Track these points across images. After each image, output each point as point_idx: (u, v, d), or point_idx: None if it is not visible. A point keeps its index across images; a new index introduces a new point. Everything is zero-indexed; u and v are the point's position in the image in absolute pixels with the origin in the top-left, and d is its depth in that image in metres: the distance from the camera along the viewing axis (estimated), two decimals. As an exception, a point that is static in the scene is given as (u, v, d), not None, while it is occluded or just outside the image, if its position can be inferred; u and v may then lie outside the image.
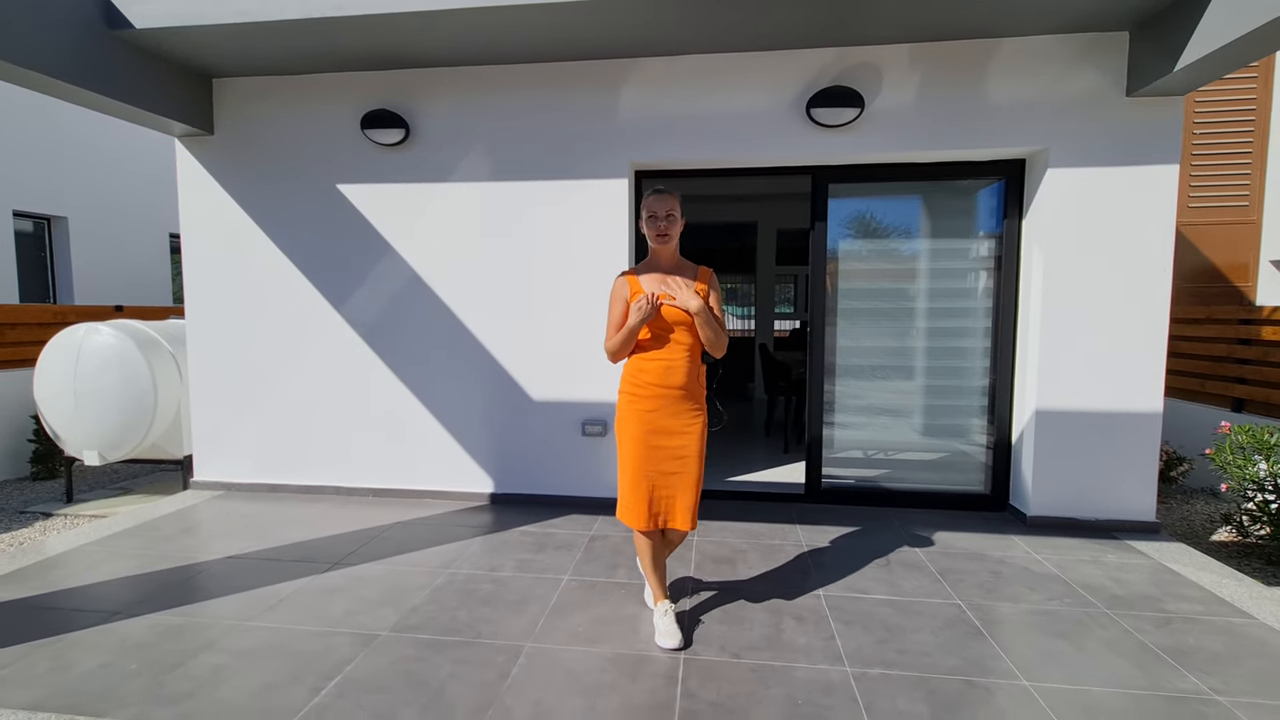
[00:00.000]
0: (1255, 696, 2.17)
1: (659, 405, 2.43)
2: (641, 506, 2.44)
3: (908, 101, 3.70)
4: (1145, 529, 3.69)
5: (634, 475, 2.44)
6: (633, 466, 2.45)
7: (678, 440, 2.43)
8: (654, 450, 2.43)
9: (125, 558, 3.30)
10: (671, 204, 2.47)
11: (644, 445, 2.43)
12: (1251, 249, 7.44)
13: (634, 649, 2.44)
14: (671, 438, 2.43)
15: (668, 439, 2.43)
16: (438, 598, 2.84)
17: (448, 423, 4.23)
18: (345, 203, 4.20)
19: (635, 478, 2.44)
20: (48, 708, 2.07)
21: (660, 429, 2.43)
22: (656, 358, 2.43)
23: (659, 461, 2.43)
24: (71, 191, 7.82)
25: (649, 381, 2.44)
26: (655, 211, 2.46)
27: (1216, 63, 3.06)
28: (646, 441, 2.43)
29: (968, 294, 4.15)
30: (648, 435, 2.43)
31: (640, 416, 2.44)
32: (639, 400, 2.46)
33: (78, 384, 4.47)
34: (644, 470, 2.43)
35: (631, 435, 2.46)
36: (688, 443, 2.44)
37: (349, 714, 2.05)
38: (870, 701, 2.13)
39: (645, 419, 2.44)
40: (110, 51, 3.55)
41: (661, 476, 2.44)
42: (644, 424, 2.44)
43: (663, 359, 2.43)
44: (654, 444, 2.43)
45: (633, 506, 2.45)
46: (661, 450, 2.43)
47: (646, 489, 2.43)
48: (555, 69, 3.93)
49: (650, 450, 2.43)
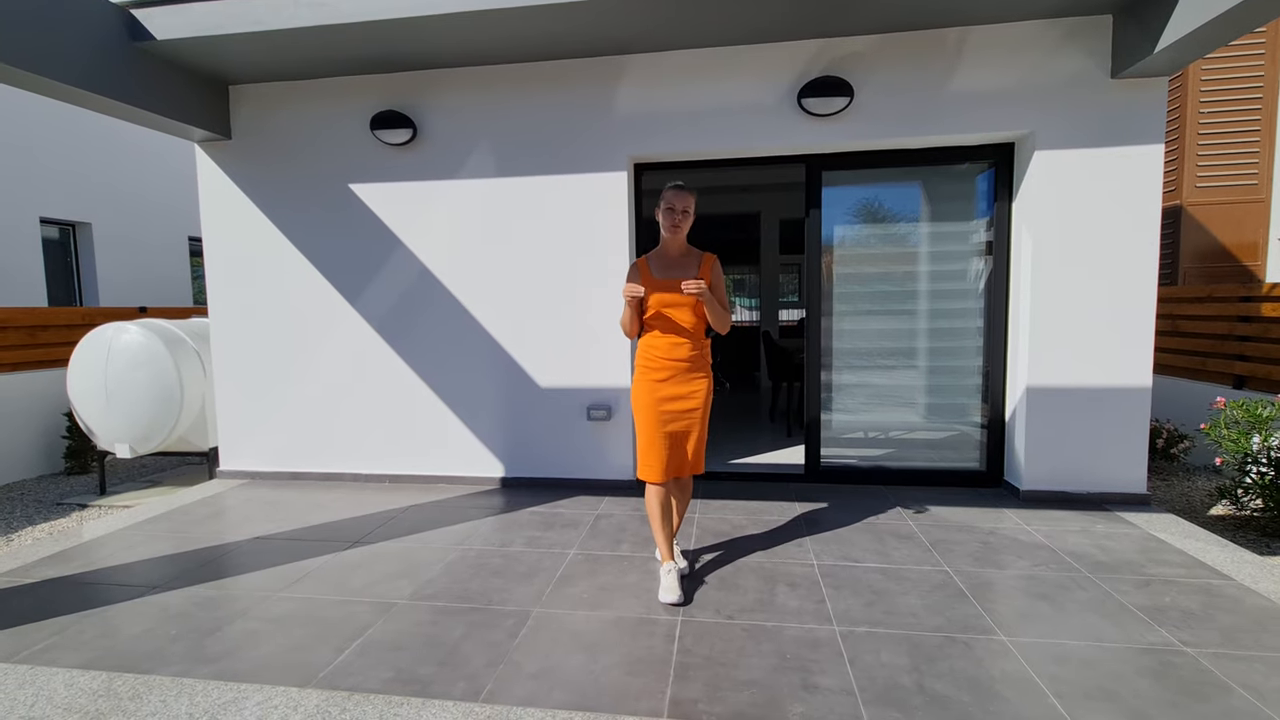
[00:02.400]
0: (1221, 648, 2.28)
1: (668, 376, 2.75)
2: (658, 462, 2.74)
3: (896, 89, 3.80)
4: (1136, 501, 3.79)
5: (649, 435, 2.75)
6: (649, 429, 2.75)
7: (686, 403, 2.75)
8: (665, 413, 2.74)
9: (159, 540, 3.52)
10: (688, 201, 2.74)
11: (656, 410, 2.74)
12: (1260, 228, 7.39)
13: (635, 612, 2.60)
14: (680, 402, 2.75)
15: (677, 403, 2.75)
16: (451, 571, 3.02)
17: (459, 411, 4.41)
18: (358, 202, 4.39)
19: (651, 437, 2.74)
20: (99, 666, 2.27)
21: (670, 395, 2.74)
22: (664, 335, 2.76)
23: (670, 421, 2.74)
24: (95, 198, 8.11)
25: (659, 355, 2.76)
26: (673, 205, 2.71)
27: (1196, 43, 3.14)
28: (658, 407, 2.74)
29: (961, 277, 4.25)
30: (659, 402, 2.74)
31: (652, 386, 2.76)
32: (650, 372, 2.77)
33: (109, 380, 4.71)
34: (658, 430, 2.74)
35: (645, 404, 2.76)
36: (695, 404, 2.76)
37: (371, 669, 2.23)
38: (855, 655, 2.27)
39: (656, 388, 2.75)
40: (133, 62, 3.75)
41: (673, 435, 2.75)
42: (655, 392, 2.75)
43: (669, 336, 2.76)
44: (665, 408, 2.74)
45: (650, 463, 2.75)
46: (670, 412, 2.74)
47: (662, 445, 2.73)
48: (553, 67, 4.07)
49: (662, 414, 2.74)
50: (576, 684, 2.13)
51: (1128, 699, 2.01)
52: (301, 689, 2.11)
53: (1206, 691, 2.05)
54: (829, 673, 2.17)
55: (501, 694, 2.08)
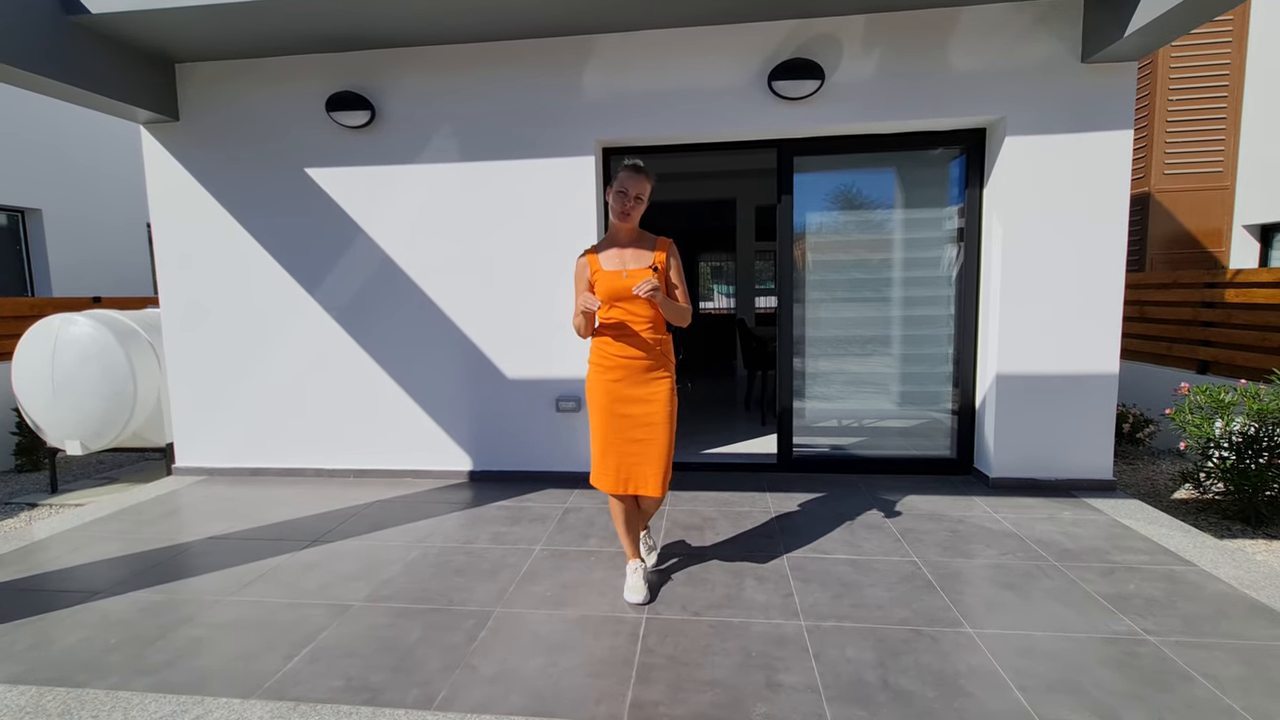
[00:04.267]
0: (1183, 635, 2.28)
1: (623, 375, 2.53)
2: (610, 472, 2.54)
3: (867, 72, 3.73)
4: (1102, 487, 3.82)
5: (602, 442, 2.55)
6: (601, 434, 2.55)
7: (644, 408, 2.52)
8: (621, 419, 2.52)
9: (107, 541, 3.37)
10: (644, 186, 2.50)
11: (610, 414, 2.53)
12: (1225, 214, 7.50)
13: (599, 611, 2.54)
14: (637, 405, 2.52)
15: (634, 406, 2.52)
16: (411, 570, 2.93)
17: (425, 403, 4.29)
18: (315, 188, 4.21)
19: (603, 445, 2.54)
20: (29, 680, 2.14)
21: (625, 398, 2.52)
22: (619, 332, 2.54)
23: (626, 429, 2.52)
24: (45, 184, 7.75)
25: (612, 353, 2.54)
26: (626, 188, 2.48)
27: (1166, 26, 3.10)
28: (612, 410, 2.53)
29: (933, 264, 4.22)
30: (614, 404, 2.53)
31: (606, 386, 2.54)
32: (604, 371, 2.56)
33: (55, 374, 4.50)
34: (612, 438, 2.53)
35: (599, 405, 2.56)
36: (654, 410, 2.52)
37: (320, 677, 2.13)
38: (820, 650, 2.24)
39: (611, 389, 2.53)
40: (68, 38, 3.53)
41: (629, 444, 2.52)
42: (609, 393, 2.53)
43: (624, 332, 2.53)
44: (620, 412, 2.52)
45: (602, 472, 2.56)
46: (628, 419, 2.52)
47: (615, 455, 2.53)
48: (518, 47, 3.93)
49: (617, 418, 2.52)
50: (534, 688, 2.06)
51: (1091, 690, 2.00)
52: (245, 700, 2.01)
53: (1168, 681, 2.04)
54: (794, 670, 2.13)
55: (456, 700, 2.00)
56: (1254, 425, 3.69)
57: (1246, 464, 3.69)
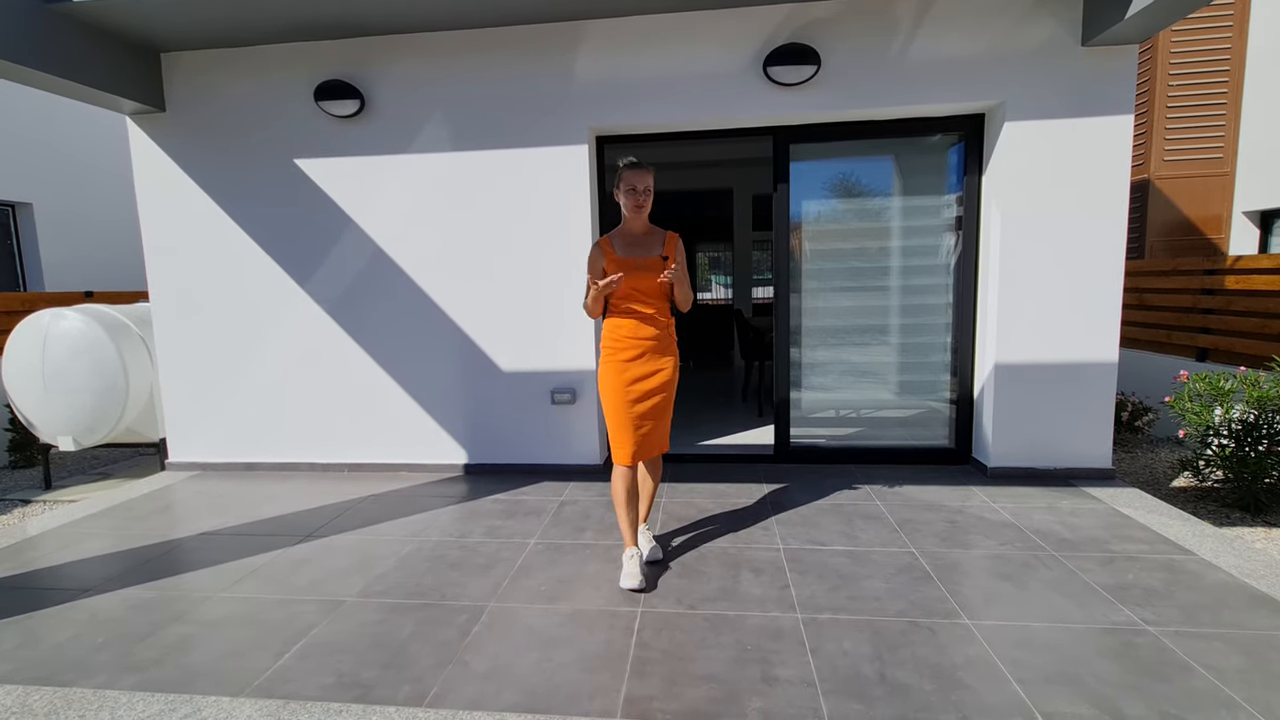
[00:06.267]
0: (1183, 625, 2.26)
1: (637, 355, 2.70)
2: (629, 444, 2.70)
3: (864, 57, 3.67)
4: (1101, 476, 3.79)
5: (619, 418, 2.70)
6: (618, 411, 2.70)
7: (654, 382, 2.72)
8: (634, 393, 2.70)
9: (99, 538, 3.34)
10: (648, 179, 2.67)
11: (624, 391, 2.70)
12: (1225, 201, 7.45)
13: (594, 605, 2.51)
14: (648, 380, 2.71)
15: (645, 383, 2.71)
16: (405, 564, 2.90)
17: (420, 396, 4.25)
18: (304, 178, 4.15)
19: (620, 420, 2.70)
20: (15, 680, 2.11)
21: (638, 375, 2.70)
22: (630, 315, 2.71)
23: (639, 401, 2.70)
24: (36, 178, 7.66)
25: (624, 335, 2.71)
26: (635, 185, 2.64)
27: (1167, 8, 3.05)
28: (627, 388, 2.70)
29: (932, 252, 4.17)
30: (628, 383, 2.70)
31: (619, 366, 2.71)
32: (617, 352, 2.71)
33: (46, 370, 4.45)
34: (628, 412, 2.69)
35: (612, 385, 2.71)
36: (662, 382, 2.73)
37: (311, 674, 2.11)
38: (817, 644, 2.21)
39: (623, 368, 2.70)
40: (49, 26, 3.45)
41: (642, 415, 2.71)
42: (622, 372, 2.70)
43: (635, 316, 2.71)
44: (634, 389, 2.70)
45: (621, 445, 2.72)
46: (640, 391, 2.70)
47: (632, 426, 2.69)
48: (510, 33, 3.86)
49: (630, 393, 2.69)
50: (528, 683, 2.04)
51: (1089, 682, 1.98)
52: (234, 698, 1.98)
53: (1168, 672, 2.02)
54: (790, 663, 2.11)
55: (448, 697, 1.98)
56: (1253, 412, 3.66)
57: (1246, 451, 3.67)
